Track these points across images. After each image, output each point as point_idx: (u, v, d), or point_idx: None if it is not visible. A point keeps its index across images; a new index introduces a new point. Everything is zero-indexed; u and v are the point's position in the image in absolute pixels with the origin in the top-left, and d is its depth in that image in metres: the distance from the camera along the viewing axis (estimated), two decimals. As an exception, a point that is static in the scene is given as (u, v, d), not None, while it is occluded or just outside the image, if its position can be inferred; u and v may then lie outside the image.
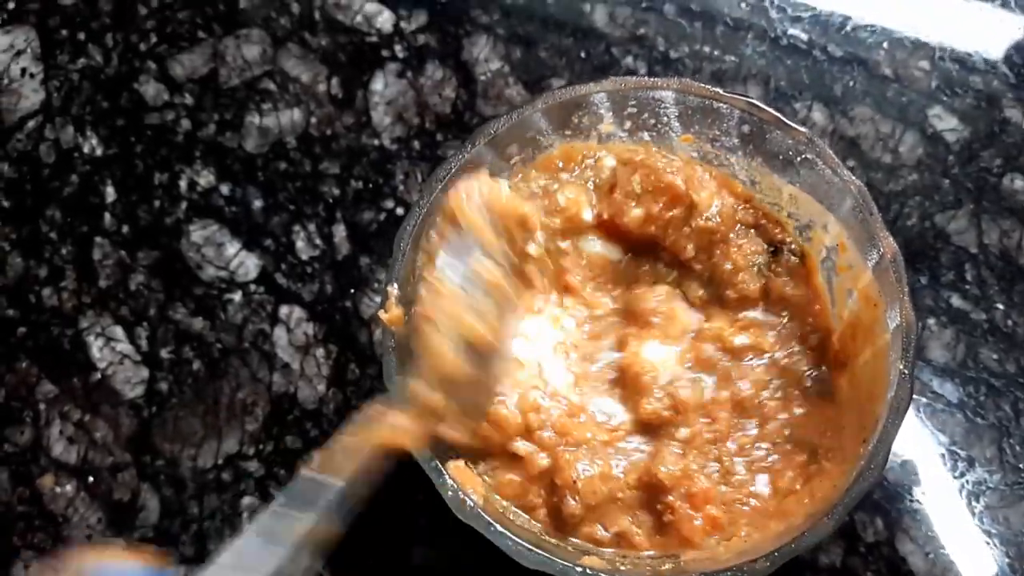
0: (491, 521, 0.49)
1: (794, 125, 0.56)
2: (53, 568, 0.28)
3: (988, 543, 0.60)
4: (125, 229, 0.71)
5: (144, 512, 0.64)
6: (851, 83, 0.72)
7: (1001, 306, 0.66)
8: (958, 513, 0.61)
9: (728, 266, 0.58)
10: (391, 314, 0.53)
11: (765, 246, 0.59)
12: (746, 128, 0.57)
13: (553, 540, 0.53)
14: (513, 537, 0.49)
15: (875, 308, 0.53)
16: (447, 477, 0.50)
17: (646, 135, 0.60)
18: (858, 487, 0.48)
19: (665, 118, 0.59)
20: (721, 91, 0.57)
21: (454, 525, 0.49)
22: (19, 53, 0.77)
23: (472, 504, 0.49)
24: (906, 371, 0.50)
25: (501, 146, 0.57)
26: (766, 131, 0.56)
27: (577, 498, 0.53)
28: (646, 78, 0.58)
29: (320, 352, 0.67)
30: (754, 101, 0.56)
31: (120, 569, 0.27)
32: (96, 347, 0.68)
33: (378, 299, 0.68)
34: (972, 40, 0.73)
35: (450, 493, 0.50)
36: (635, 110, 0.59)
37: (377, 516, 0.63)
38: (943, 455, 0.62)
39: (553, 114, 0.58)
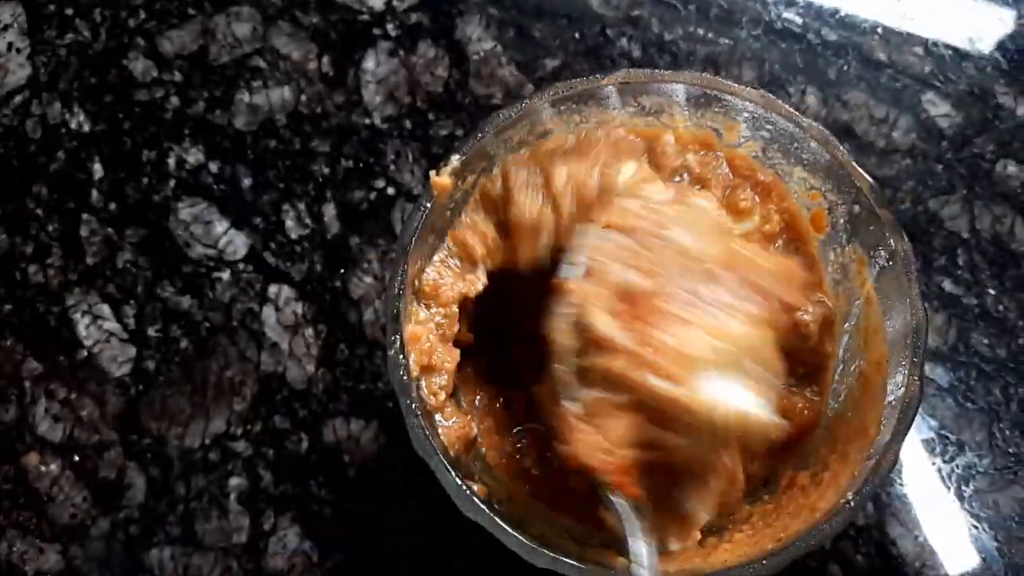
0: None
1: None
2: None
3: (977, 527, 0.60)
4: (112, 206, 0.70)
5: (130, 491, 0.63)
6: (845, 68, 0.72)
7: (992, 291, 0.66)
8: (948, 497, 0.61)
9: None
10: (444, 179, 0.52)
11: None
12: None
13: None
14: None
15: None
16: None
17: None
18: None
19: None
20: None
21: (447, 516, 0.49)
22: (6, 28, 0.76)
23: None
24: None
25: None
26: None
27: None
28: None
29: (309, 332, 0.66)
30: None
31: None
32: (83, 325, 0.67)
33: (368, 279, 0.67)
34: (966, 26, 0.73)
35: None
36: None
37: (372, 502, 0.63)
38: (933, 439, 0.62)
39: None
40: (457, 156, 0.54)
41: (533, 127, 0.58)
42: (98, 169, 0.72)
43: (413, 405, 0.50)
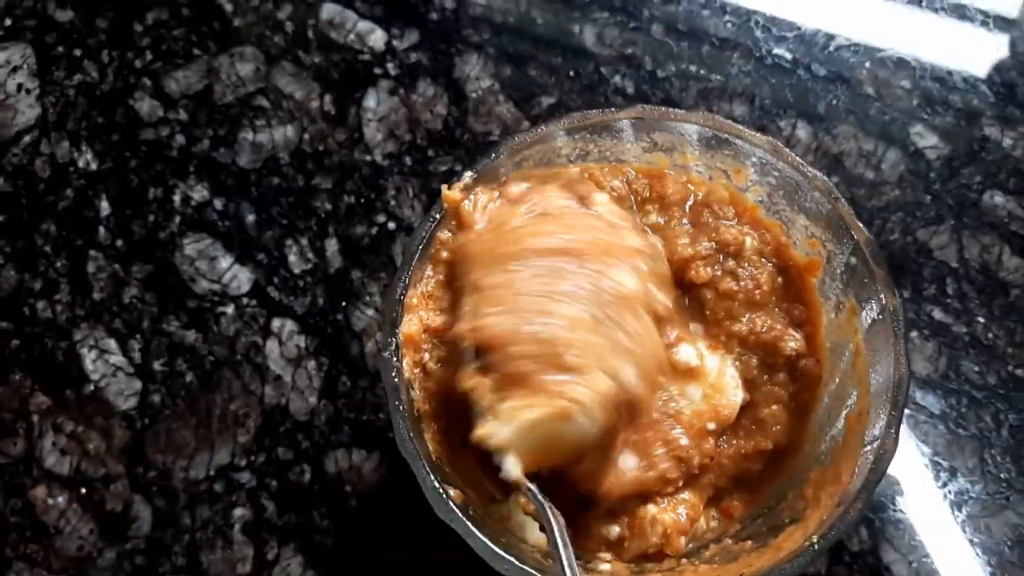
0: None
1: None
2: None
3: (970, 552, 0.61)
4: (119, 243, 0.72)
5: (136, 523, 0.64)
6: (834, 101, 0.73)
7: (982, 319, 0.67)
8: (941, 522, 0.62)
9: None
10: (455, 193, 0.54)
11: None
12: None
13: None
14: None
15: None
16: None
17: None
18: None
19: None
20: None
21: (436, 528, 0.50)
22: (15, 69, 0.78)
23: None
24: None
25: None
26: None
27: None
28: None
29: (312, 364, 0.68)
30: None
31: None
32: (89, 359, 0.69)
33: (370, 312, 0.69)
34: (953, 59, 0.75)
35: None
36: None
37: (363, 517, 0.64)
38: (926, 465, 0.63)
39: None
40: (470, 173, 0.56)
41: (547, 152, 0.59)
42: (105, 206, 0.73)
43: (401, 407, 0.51)
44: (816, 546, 0.48)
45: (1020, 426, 0.64)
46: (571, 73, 0.75)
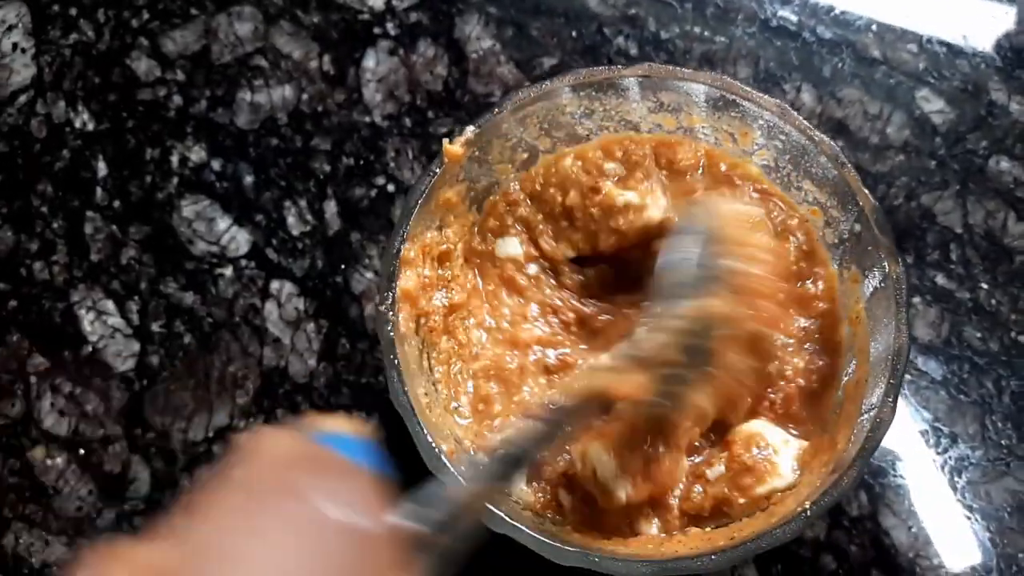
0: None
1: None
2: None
3: (969, 517, 0.61)
4: (116, 204, 0.71)
5: (135, 484, 0.64)
6: (839, 65, 0.73)
7: (985, 285, 0.66)
8: (941, 488, 0.62)
9: None
10: (456, 147, 0.54)
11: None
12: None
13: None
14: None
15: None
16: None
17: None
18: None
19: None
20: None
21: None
22: (10, 28, 0.77)
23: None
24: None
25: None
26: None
27: None
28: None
29: (311, 327, 0.67)
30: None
31: (344, 439, 0.27)
32: (87, 321, 0.68)
33: (369, 275, 0.68)
34: (960, 24, 0.74)
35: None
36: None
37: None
38: (926, 431, 0.63)
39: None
40: (472, 127, 0.55)
41: (551, 109, 0.58)
42: (102, 167, 0.72)
43: (396, 361, 0.51)
44: (808, 512, 0.48)
45: (1022, 392, 0.64)
46: (573, 34, 0.74)
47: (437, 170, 0.55)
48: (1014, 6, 0.75)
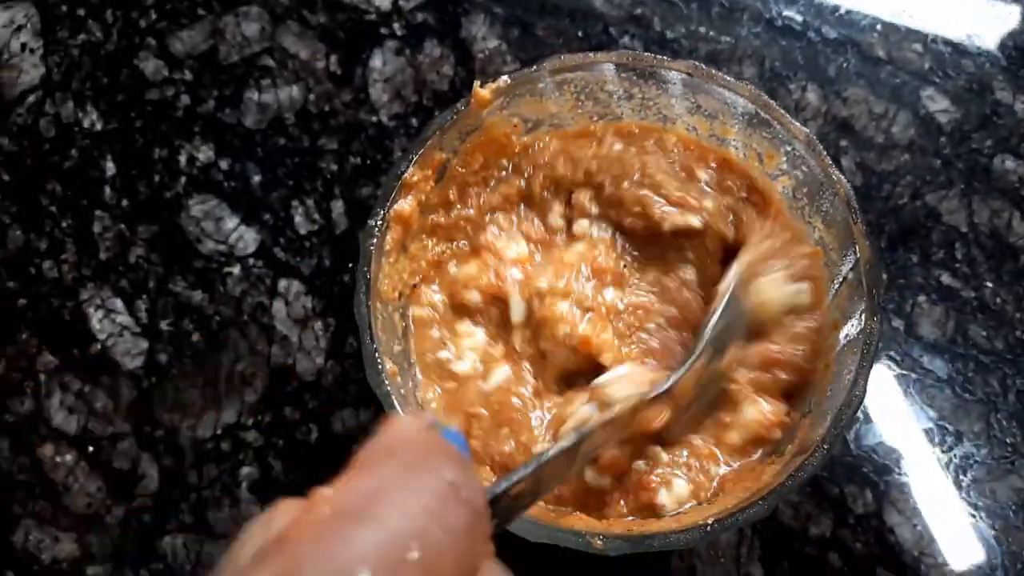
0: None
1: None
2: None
3: (975, 515, 0.61)
4: (125, 203, 0.72)
5: (144, 481, 0.65)
6: (845, 64, 0.73)
7: (990, 284, 0.67)
8: (946, 486, 0.62)
9: None
10: (486, 92, 0.54)
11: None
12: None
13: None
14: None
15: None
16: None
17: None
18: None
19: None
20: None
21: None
22: (19, 28, 0.77)
23: None
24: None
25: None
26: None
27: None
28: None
29: (318, 325, 0.68)
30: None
31: (451, 431, 0.31)
32: (96, 319, 0.69)
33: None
34: (965, 23, 0.74)
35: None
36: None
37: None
38: (932, 429, 0.63)
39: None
40: (506, 77, 0.55)
41: (591, 82, 0.57)
42: (110, 167, 0.73)
43: (368, 275, 0.52)
44: (765, 501, 0.48)
45: (1027, 391, 0.64)
46: (579, 34, 0.74)
47: (461, 107, 0.54)
48: (1019, 6, 0.75)
